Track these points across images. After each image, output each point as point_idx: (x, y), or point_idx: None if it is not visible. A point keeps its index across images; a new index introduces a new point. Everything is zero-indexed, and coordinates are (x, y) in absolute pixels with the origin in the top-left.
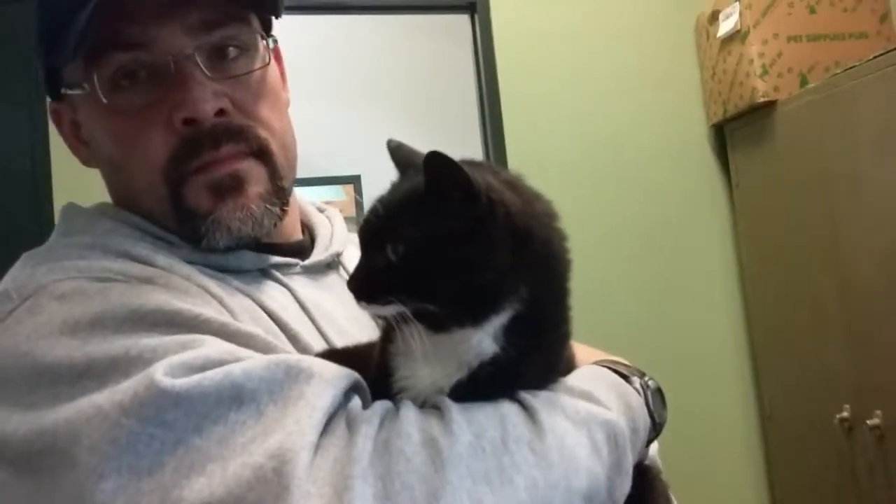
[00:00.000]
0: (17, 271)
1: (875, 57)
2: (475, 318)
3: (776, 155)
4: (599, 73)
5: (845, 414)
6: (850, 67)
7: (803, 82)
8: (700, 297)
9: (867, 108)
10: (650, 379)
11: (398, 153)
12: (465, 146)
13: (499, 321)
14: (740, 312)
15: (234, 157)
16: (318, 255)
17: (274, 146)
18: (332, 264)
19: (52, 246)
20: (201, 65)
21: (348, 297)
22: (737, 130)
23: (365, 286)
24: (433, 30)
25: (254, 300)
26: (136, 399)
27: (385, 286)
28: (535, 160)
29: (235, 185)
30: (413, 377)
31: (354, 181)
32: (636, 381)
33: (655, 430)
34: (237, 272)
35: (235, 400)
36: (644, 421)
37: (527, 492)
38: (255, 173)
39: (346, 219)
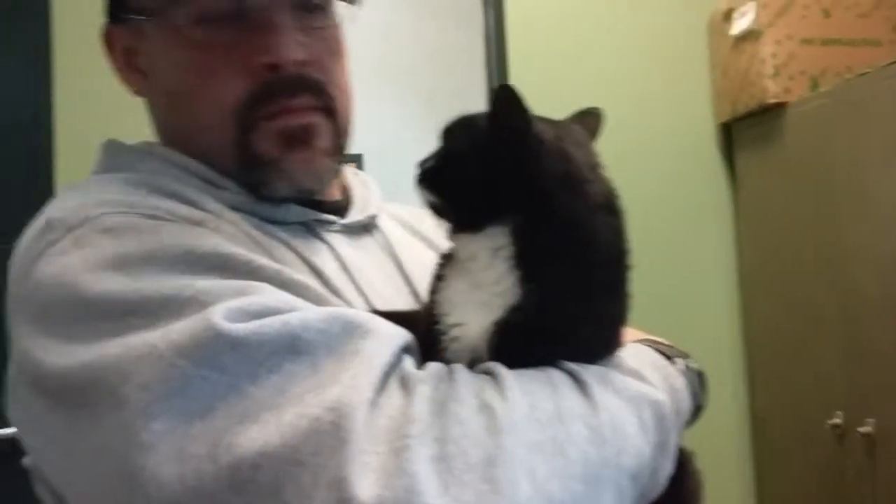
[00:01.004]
0: (59, 203)
1: (889, 65)
2: (477, 220)
3: (783, 157)
4: (609, 64)
5: (837, 420)
6: (863, 74)
7: (814, 86)
8: (697, 295)
9: (877, 117)
10: (692, 362)
11: None
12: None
13: (502, 236)
14: (737, 314)
15: (306, 110)
16: (355, 216)
17: (339, 105)
18: (368, 227)
19: (96, 180)
20: (290, 13)
21: (384, 259)
22: (744, 130)
23: (423, 171)
24: (442, 9)
25: (297, 254)
26: (192, 340)
27: (431, 175)
28: None
29: (305, 138)
30: (459, 322)
31: (356, 160)
32: (679, 362)
33: (695, 413)
34: (281, 223)
35: (292, 350)
36: (686, 403)
37: (579, 465)
38: (323, 129)
39: None
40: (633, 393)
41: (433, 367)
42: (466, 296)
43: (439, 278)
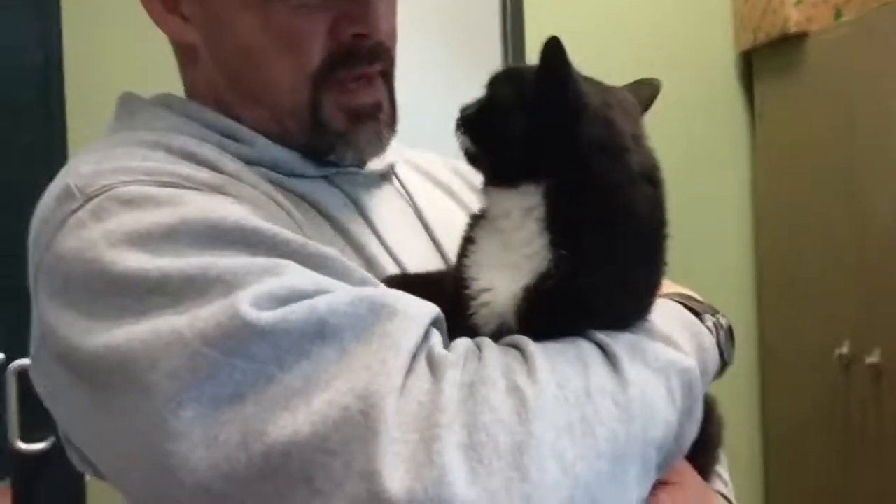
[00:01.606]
0: (77, 167)
1: None
2: (513, 174)
3: (803, 88)
4: None
5: (845, 350)
6: (886, 3)
7: (837, 14)
8: (711, 224)
9: None
10: (722, 316)
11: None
12: (483, 65)
13: (536, 195)
14: (750, 243)
15: (376, 79)
16: (375, 164)
17: (393, 69)
18: (387, 175)
19: (113, 141)
20: None
21: (403, 207)
22: (765, 60)
23: (463, 117)
24: None
25: (318, 210)
26: (219, 329)
27: (471, 121)
28: None
29: (374, 113)
30: (488, 286)
31: None
32: (709, 319)
33: (722, 369)
34: (301, 176)
35: (319, 335)
36: (714, 361)
37: (607, 443)
38: (385, 97)
39: None
40: (663, 362)
41: (461, 344)
42: (497, 258)
43: (469, 240)
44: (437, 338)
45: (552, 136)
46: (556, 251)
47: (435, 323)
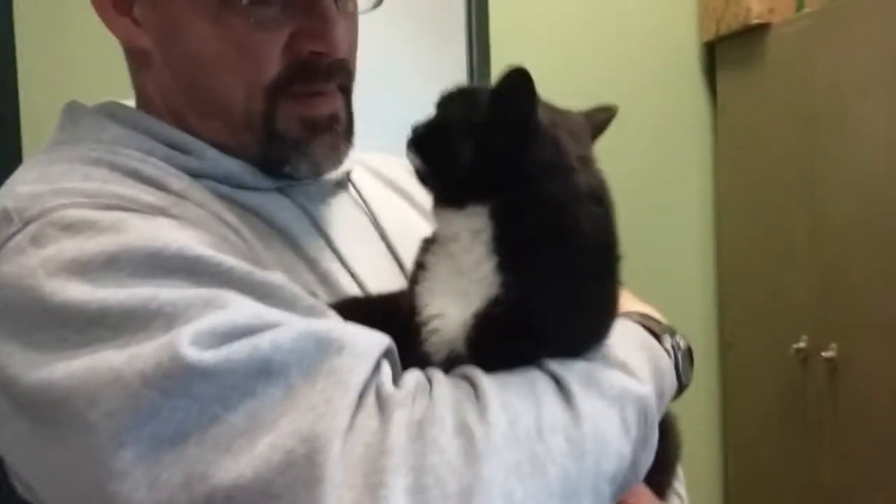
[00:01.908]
0: (16, 186)
1: None
2: (458, 196)
3: (765, 80)
4: None
5: (802, 344)
6: None
7: (799, 6)
8: (671, 215)
9: (860, 40)
10: (680, 338)
11: None
12: (448, 52)
13: (482, 217)
14: (710, 236)
15: (333, 94)
16: (329, 173)
17: (352, 83)
18: (342, 183)
19: (53, 157)
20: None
21: (359, 217)
22: (728, 51)
23: (414, 136)
24: None
25: (271, 225)
26: (159, 369)
27: (421, 141)
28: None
29: (331, 125)
30: (438, 313)
31: None
32: (667, 340)
33: (680, 390)
34: (253, 189)
35: (264, 373)
36: (671, 384)
37: (558, 481)
38: (343, 111)
39: None
40: (618, 391)
41: (411, 380)
42: (447, 284)
43: (420, 266)
44: (386, 372)
45: (500, 158)
46: (504, 276)
47: (386, 354)
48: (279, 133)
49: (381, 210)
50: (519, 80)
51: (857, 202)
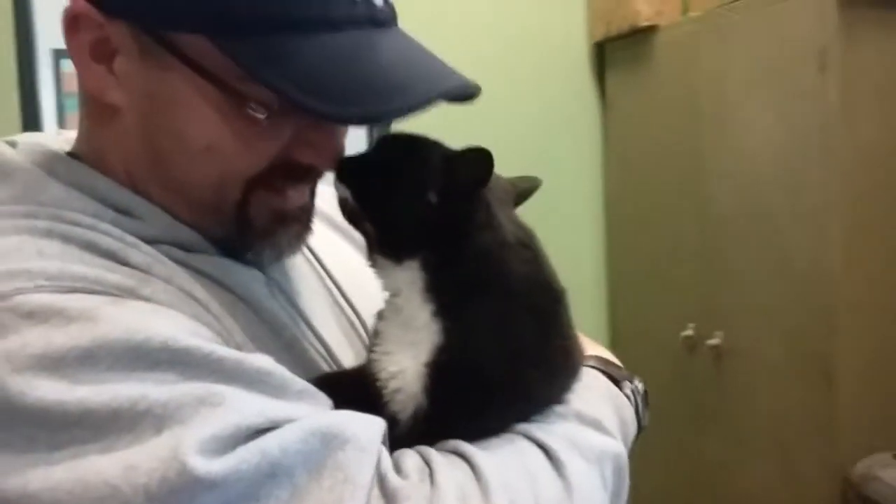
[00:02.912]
0: None
1: None
2: (395, 251)
3: (652, 81)
4: None
5: (689, 332)
6: (732, 2)
7: (684, 9)
8: (563, 212)
9: (742, 45)
10: (639, 382)
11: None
12: None
13: (415, 269)
14: (601, 229)
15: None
16: None
17: None
18: None
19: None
20: None
21: (310, 270)
22: (617, 51)
23: (346, 167)
24: None
25: (234, 293)
26: (164, 485)
27: (360, 181)
28: None
29: (300, 216)
30: (397, 370)
31: None
32: (627, 386)
33: (638, 433)
34: (203, 251)
35: (270, 476)
36: (633, 433)
37: None
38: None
39: None
40: (598, 453)
41: (411, 465)
42: (398, 340)
43: (375, 334)
44: (386, 460)
45: (441, 220)
46: (443, 321)
47: (383, 440)
48: (248, 221)
49: (329, 260)
50: (484, 163)
51: (740, 196)
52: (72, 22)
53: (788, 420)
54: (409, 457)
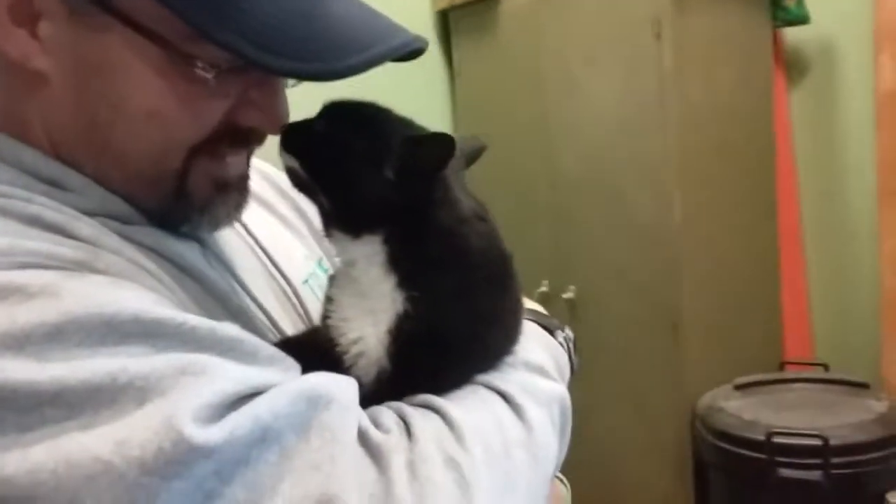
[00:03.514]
0: None
1: None
2: (353, 226)
3: (498, 49)
4: None
5: (545, 289)
6: None
7: None
8: None
9: (581, 14)
10: (569, 331)
11: None
12: None
13: (375, 244)
14: None
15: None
16: None
17: None
18: None
19: None
20: None
21: (241, 241)
22: (461, 19)
23: (292, 135)
24: None
25: (176, 265)
26: (160, 455)
27: (307, 151)
28: None
29: (239, 184)
30: (357, 337)
31: None
32: (559, 335)
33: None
34: (139, 224)
35: (261, 440)
36: (567, 374)
37: (524, 491)
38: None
39: None
40: (546, 396)
41: (390, 421)
42: (357, 307)
43: (328, 300)
44: (365, 418)
45: (399, 197)
46: (407, 292)
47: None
48: (187, 191)
49: (257, 230)
50: (445, 149)
51: (586, 158)
52: None
53: (639, 365)
54: (384, 413)
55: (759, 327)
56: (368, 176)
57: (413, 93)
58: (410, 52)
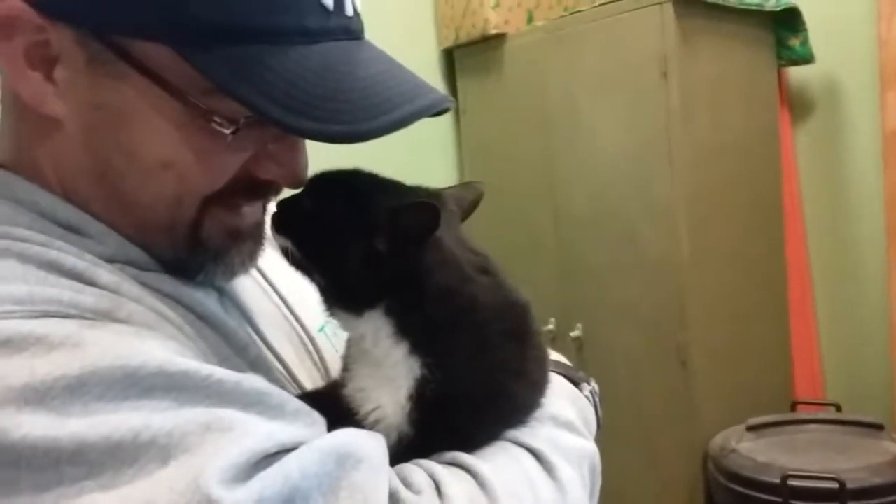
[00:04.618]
0: None
1: (599, 5)
2: (353, 304)
3: (503, 87)
4: None
5: (551, 327)
6: (575, 12)
7: (529, 19)
8: None
9: (587, 53)
10: (594, 383)
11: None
12: None
13: (378, 318)
14: None
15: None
16: None
17: None
18: None
19: None
20: None
21: (257, 288)
22: (466, 58)
23: (282, 215)
24: None
25: (195, 313)
26: None
27: (297, 229)
28: None
29: (253, 233)
30: (375, 405)
31: None
32: (585, 388)
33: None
34: (156, 271)
35: (289, 501)
36: (594, 429)
37: None
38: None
39: None
40: (577, 454)
41: (420, 480)
42: (372, 377)
43: (344, 367)
44: (395, 478)
45: (393, 269)
46: (422, 357)
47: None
48: (201, 240)
49: (272, 274)
50: (429, 216)
51: (592, 196)
52: (5, 25)
53: (648, 403)
54: (415, 471)
55: (768, 365)
56: (358, 250)
57: (419, 131)
58: (442, 110)
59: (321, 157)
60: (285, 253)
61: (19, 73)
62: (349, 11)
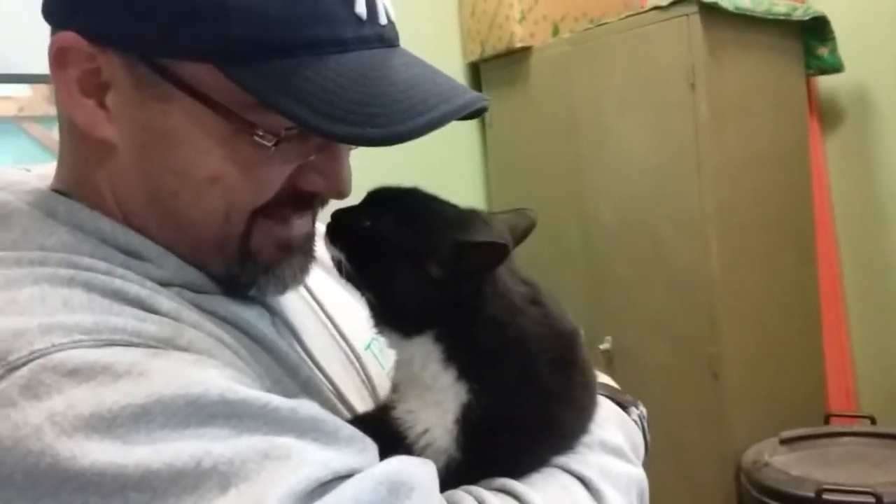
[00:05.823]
0: None
1: (625, 17)
2: (402, 326)
3: (529, 99)
4: None
5: None
6: (601, 24)
7: (555, 31)
8: None
9: (613, 65)
10: (642, 407)
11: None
12: None
13: (428, 343)
14: None
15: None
16: None
17: None
18: None
19: (10, 277)
20: None
21: (306, 307)
22: (492, 71)
23: (337, 226)
24: None
25: (249, 335)
26: None
27: (353, 243)
28: None
29: (304, 245)
30: (424, 428)
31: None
32: (634, 412)
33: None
34: (209, 292)
35: None
36: (642, 454)
37: None
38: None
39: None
40: (625, 480)
41: (469, 501)
42: (420, 400)
43: (393, 388)
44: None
45: (448, 297)
46: (469, 383)
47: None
48: (252, 254)
49: (319, 292)
50: (497, 255)
51: (620, 208)
52: (59, 55)
53: (679, 417)
54: (465, 498)
55: (801, 376)
56: (413, 275)
57: (445, 144)
58: (478, 110)
59: (354, 166)
60: (338, 265)
61: (74, 101)
62: (382, 20)
